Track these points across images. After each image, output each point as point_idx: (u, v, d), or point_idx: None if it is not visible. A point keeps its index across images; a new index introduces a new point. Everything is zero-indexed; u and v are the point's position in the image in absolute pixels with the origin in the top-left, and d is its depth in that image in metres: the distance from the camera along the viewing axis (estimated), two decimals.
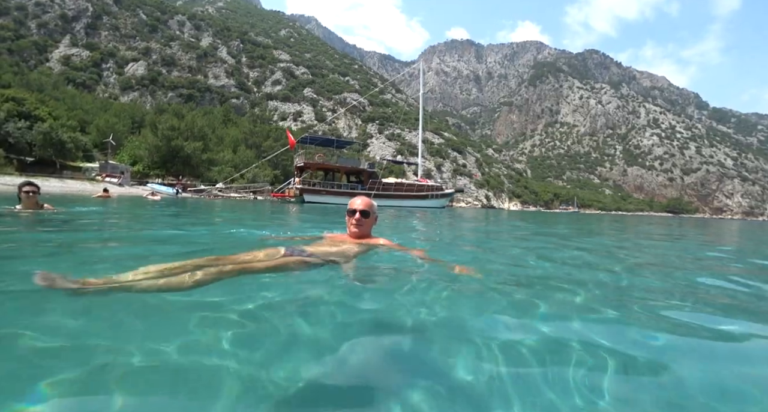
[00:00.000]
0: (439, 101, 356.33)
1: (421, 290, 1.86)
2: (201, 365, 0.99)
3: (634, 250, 4.92)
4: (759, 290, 2.47)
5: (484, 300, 1.81)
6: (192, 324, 1.25)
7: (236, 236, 4.10)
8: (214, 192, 33.43)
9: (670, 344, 1.33)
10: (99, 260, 2.44)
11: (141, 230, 4.65)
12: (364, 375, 1.03)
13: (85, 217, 5.65)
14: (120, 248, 3.07)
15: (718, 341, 1.45)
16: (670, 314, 1.72)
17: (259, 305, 1.47)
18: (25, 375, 0.89)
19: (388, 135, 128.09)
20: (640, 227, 13.09)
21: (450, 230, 7.05)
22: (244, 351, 1.07)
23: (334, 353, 1.11)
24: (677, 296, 2.18)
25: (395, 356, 1.16)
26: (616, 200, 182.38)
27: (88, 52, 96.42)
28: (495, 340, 1.24)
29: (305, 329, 1.27)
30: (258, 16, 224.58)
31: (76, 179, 28.73)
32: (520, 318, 1.52)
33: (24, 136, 28.33)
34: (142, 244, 3.41)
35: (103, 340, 1.12)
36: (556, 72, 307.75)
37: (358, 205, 2.74)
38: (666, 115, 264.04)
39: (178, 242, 3.52)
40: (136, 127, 55.27)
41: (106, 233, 4.26)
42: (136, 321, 1.28)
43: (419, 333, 1.33)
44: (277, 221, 7.36)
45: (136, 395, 0.86)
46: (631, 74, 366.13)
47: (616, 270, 2.97)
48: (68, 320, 1.26)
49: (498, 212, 47.14)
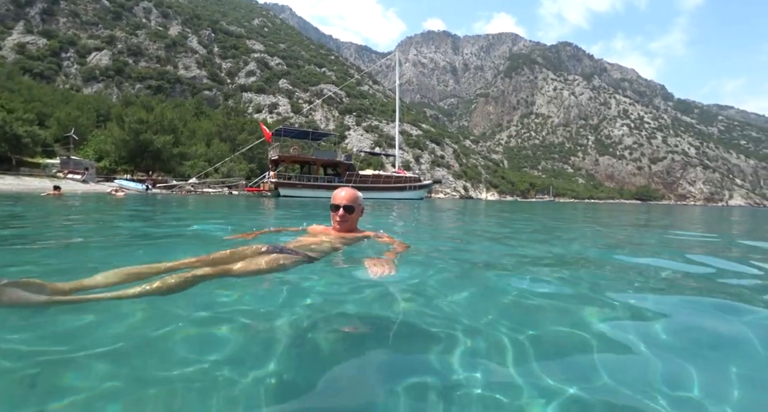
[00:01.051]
0: (417, 93, 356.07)
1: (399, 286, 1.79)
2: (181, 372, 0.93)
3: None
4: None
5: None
6: (162, 332, 1.16)
7: (207, 235, 3.73)
8: (186, 187, 32.30)
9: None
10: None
11: (87, 233, 3.86)
12: (347, 376, 0.99)
13: (16, 218, 5.04)
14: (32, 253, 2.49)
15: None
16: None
17: (234, 309, 1.39)
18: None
19: (365, 127, 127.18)
20: (621, 215, 13.44)
21: (427, 224, 7.00)
22: (216, 356, 1.02)
23: (316, 354, 1.09)
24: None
25: (379, 356, 1.12)
26: (588, 189, 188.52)
27: (45, 40, 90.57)
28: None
29: (286, 331, 1.22)
30: (229, 4, 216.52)
31: (35, 176, 27.08)
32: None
33: None
34: (69, 252, 2.68)
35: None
36: (531, 64, 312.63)
37: (341, 199, 2.54)
38: (635, 107, 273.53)
39: (127, 249, 2.95)
40: (101, 120, 52.43)
41: (21, 238, 3.31)
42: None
43: (402, 330, 1.28)
44: (250, 216, 7.08)
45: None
46: (602, 66, 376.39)
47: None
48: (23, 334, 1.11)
49: (476, 202, 47.73)
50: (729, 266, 2.81)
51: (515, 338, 1.18)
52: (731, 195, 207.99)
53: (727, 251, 3.89)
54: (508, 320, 1.33)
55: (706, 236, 5.70)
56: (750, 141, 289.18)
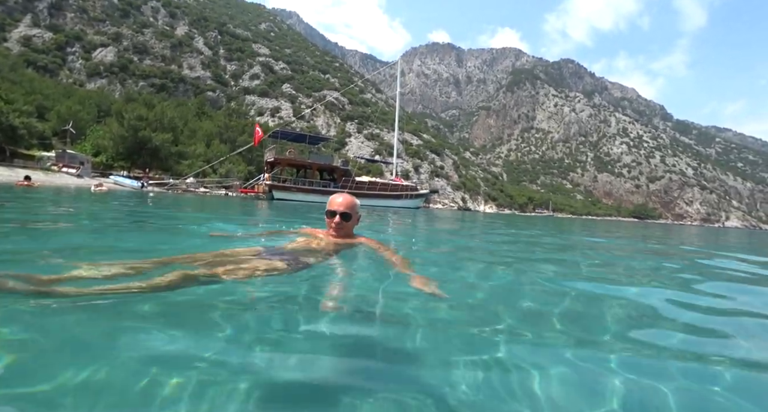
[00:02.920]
0: (419, 103, 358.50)
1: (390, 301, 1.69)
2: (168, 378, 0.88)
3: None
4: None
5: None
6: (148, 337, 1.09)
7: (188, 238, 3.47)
8: (182, 186, 32.03)
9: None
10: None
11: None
12: (332, 389, 0.94)
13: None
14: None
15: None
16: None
17: (224, 314, 1.31)
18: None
19: (366, 134, 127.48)
20: (630, 235, 13.24)
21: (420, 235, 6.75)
22: (205, 364, 0.97)
23: (306, 361, 1.06)
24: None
25: (366, 370, 1.07)
26: (586, 205, 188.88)
27: (52, 34, 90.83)
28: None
29: (275, 337, 1.18)
30: (238, 7, 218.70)
31: (29, 168, 26.76)
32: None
33: None
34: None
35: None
36: (533, 79, 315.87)
37: (338, 205, 2.43)
38: (634, 125, 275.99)
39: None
40: (102, 116, 52.26)
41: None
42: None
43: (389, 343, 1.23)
44: (233, 216, 6.83)
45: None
46: (603, 85, 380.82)
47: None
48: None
49: (474, 214, 47.60)
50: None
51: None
52: (728, 216, 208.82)
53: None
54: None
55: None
56: (747, 164, 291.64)
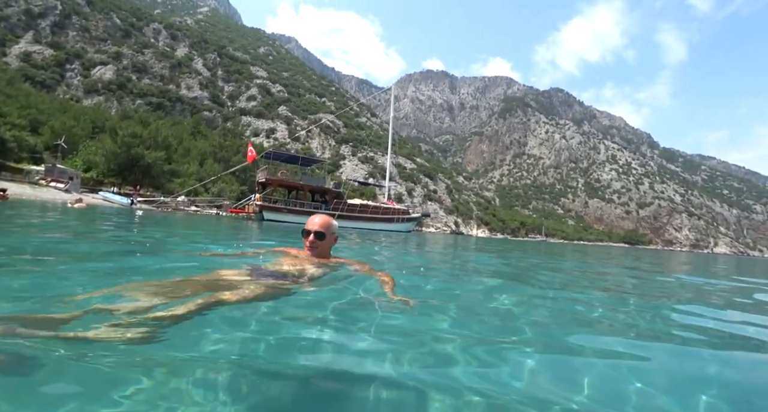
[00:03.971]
0: (414, 128, 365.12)
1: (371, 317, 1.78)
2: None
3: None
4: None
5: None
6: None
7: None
8: (172, 204, 31.61)
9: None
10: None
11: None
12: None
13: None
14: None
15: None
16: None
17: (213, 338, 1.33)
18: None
19: (361, 157, 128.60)
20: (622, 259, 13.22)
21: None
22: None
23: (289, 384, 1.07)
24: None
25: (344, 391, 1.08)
26: (578, 230, 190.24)
27: (52, 51, 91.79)
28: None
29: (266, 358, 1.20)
30: (238, 31, 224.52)
31: (16, 182, 26.32)
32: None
33: None
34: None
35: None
36: (525, 107, 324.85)
37: (313, 224, 2.54)
38: (623, 153, 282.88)
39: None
40: (97, 132, 52.19)
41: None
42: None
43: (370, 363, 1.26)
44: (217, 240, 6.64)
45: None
46: (592, 113, 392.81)
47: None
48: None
49: (466, 238, 47.50)
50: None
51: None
52: (716, 243, 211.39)
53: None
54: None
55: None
56: (732, 191, 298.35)
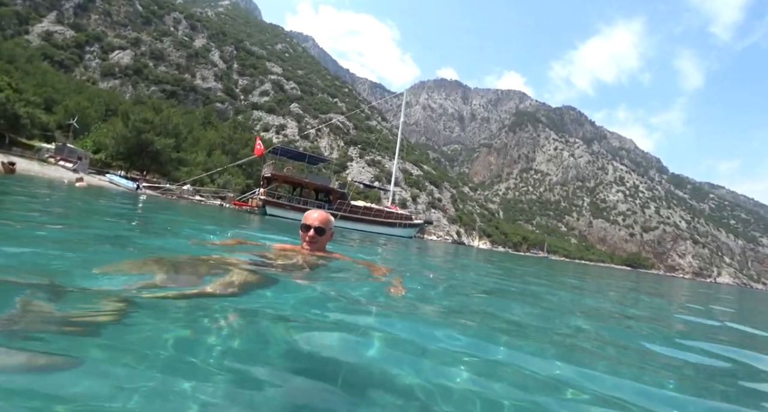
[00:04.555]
0: (423, 134, 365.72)
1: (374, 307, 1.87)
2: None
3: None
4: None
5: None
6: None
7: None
8: (177, 192, 31.60)
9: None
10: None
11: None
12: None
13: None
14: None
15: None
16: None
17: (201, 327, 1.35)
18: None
19: (368, 160, 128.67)
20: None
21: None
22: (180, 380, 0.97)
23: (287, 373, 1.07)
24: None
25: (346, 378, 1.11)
26: (580, 249, 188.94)
27: (73, 33, 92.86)
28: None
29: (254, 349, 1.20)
30: (256, 26, 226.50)
31: (26, 158, 26.39)
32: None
33: None
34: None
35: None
36: (535, 122, 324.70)
37: (313, 220, 2.57)
38: (631, 175, 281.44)
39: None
40: (109, 114, 52.57)
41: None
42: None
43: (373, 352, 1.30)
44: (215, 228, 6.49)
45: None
46: (602, 133, 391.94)
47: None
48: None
49: (468, 248, 47.14)
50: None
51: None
52: (719, 272, 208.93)
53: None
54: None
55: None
56: (739, 222, 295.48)
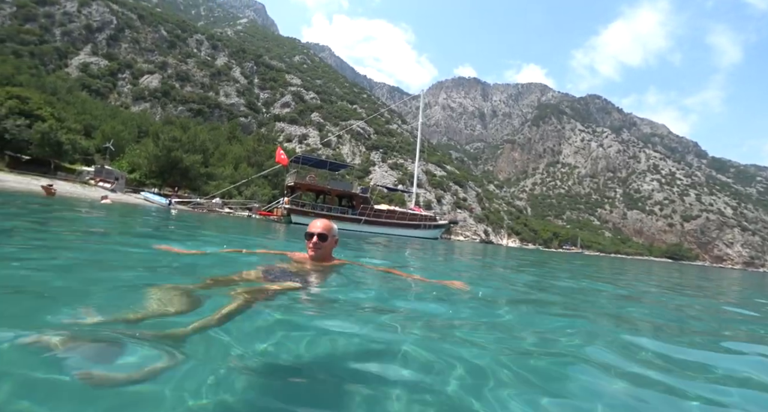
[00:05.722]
0: (444, 135, 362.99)
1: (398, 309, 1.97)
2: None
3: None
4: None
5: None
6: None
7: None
8: (207, 206, 32.83)
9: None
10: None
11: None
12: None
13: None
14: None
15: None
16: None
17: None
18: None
19: (390, 164, 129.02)
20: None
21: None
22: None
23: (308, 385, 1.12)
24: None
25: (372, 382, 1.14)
26: (615, 243, 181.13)
27: (107, 62, 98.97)
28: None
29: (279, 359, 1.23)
30: (274, 41, 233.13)
31: (69, 181, 28.27)
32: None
33: (21, 134, 28.15)
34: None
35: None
36: (559, 114, 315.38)
37: (316, 228, 2.73)
38: (666, 162, 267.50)
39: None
40: (141, 136, 55.59)
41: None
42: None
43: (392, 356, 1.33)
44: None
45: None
46: (631, 120, 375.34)
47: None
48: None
49: (496, 247, 46.21)
50: None
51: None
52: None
53: None
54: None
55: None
56: None
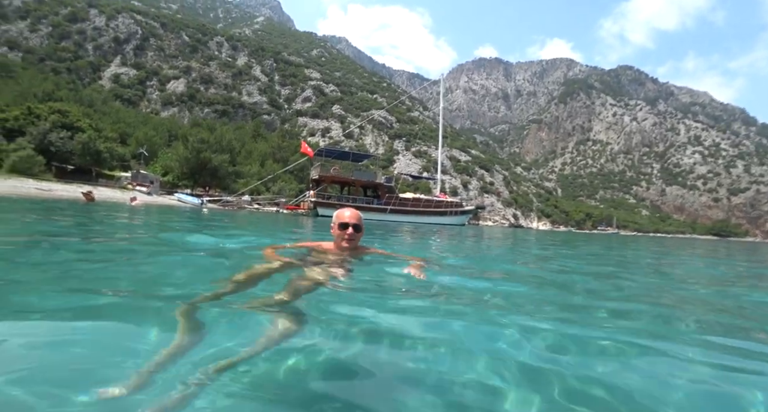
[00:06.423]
0: (467, 119, 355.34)
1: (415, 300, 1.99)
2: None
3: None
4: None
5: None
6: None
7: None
8: (236, 203, 33.99)
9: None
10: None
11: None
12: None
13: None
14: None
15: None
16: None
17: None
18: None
19: (414, 152, 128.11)
20: None
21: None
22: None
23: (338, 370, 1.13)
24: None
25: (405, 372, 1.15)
26: (654, 221, 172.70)
27: (135, 71, 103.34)
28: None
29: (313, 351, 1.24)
30: (291, 36, 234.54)
31: (109, 187, 30.05)
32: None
33: (65, 146, 30.20)
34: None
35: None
36: (588, 89, 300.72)
37: (351, 218, 2.59)
38: (709, 132, 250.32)
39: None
40: (172, 140, 58.02)
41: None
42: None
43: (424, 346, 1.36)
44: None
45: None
46: (668, 90, 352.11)
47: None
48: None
49: (526, 231, 45.25)
50: None
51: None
52: None
53: None
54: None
55: None
56: None
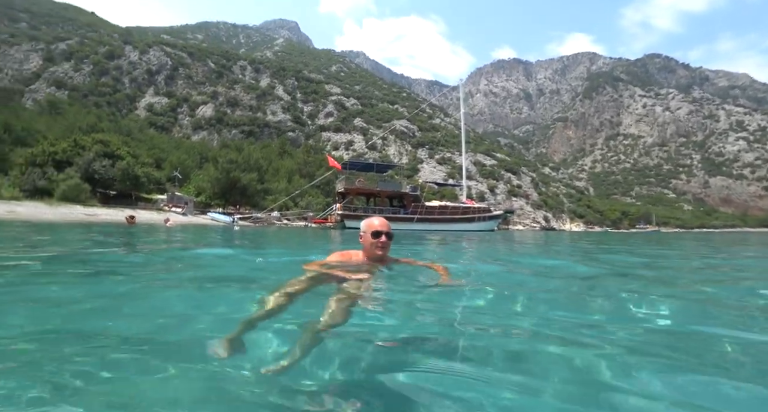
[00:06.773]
0: (490, 122, 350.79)
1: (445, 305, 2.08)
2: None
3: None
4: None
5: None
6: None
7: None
8: (266, 220, 34.83)
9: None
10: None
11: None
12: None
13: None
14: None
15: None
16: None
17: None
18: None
19: (438, 159, 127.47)
20: None
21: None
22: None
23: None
24: None
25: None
26: (698, 216, 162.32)
27: (167, 99, 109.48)
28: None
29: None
30: (310, 55, 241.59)
31: (147, 209, 31.64)
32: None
33: (107, 173, 32.27)
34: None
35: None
36: (614, 82, 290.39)
37: (381, 226, 2.59)
38: (753, 116, 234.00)
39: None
40: (203, 162, 60.59)
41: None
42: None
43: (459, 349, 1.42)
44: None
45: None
46: (702, 75, 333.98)
47: None
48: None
49: (559, 234, 43.63)
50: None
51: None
52: None
53: None
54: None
55: None
56: None
